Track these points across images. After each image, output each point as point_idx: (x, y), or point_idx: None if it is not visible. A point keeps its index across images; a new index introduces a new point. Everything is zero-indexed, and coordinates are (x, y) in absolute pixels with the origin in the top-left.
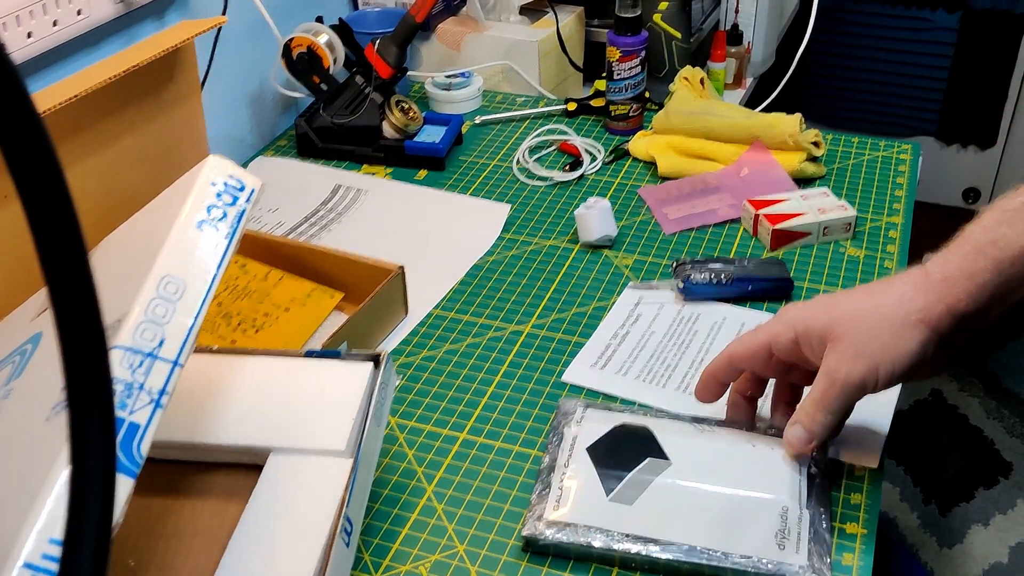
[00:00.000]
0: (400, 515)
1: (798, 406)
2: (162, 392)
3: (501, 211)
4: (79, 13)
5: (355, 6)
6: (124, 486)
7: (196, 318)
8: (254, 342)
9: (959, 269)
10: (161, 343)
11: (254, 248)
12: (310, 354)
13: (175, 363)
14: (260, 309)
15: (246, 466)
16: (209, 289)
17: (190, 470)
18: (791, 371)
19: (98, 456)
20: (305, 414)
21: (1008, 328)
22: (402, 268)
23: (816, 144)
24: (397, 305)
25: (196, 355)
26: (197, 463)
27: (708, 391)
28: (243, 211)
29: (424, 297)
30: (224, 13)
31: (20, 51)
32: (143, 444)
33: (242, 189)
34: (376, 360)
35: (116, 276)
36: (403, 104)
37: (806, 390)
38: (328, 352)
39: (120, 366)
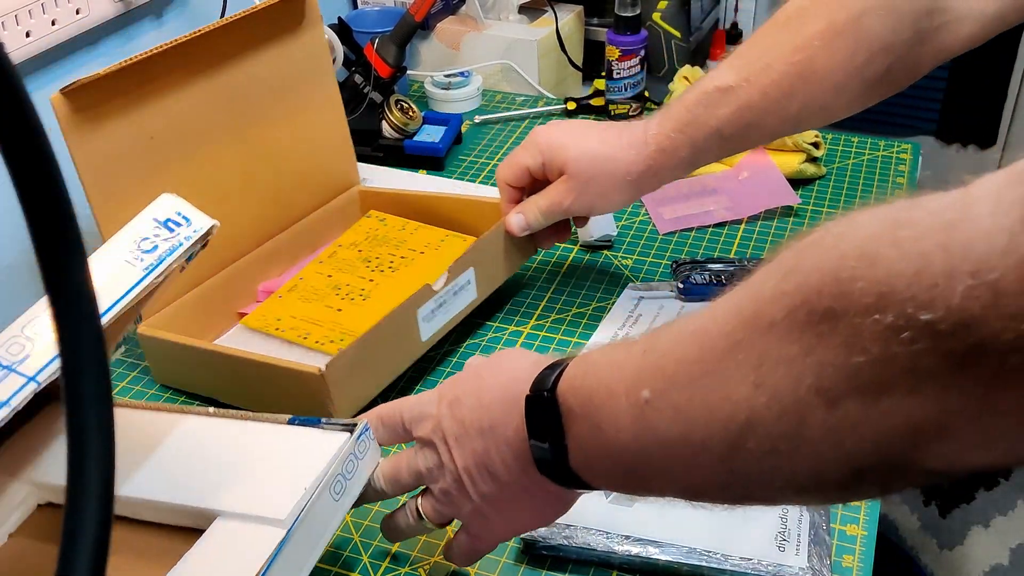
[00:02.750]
0: None
1: (525, 202)
2: (3, 404)
3: None
4: (78, 12)
5: (354, 5)
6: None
7: None
8: (392, 280)
9: (666, 142)
10: (24, 359)
11: (391, 203)
12: (292, 421)
13: (31, 379)
14: (397, 253)
15: (198, 531)
16: (102, 315)
17: (139, 528)
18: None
19: (98, 448)
20: (265, 480)
21: None
22: None
23: (815, 144)
24: (525, 239)
25: (182, 415)
26: (153, 524)
27: (509, 207)
28: (179, 245)
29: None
30: (224, 12)
31: (18, 50)
32: None
33: (188, 225)
34: (352, 430)
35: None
36: (402, 103)
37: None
38: (309, 420)
39: None
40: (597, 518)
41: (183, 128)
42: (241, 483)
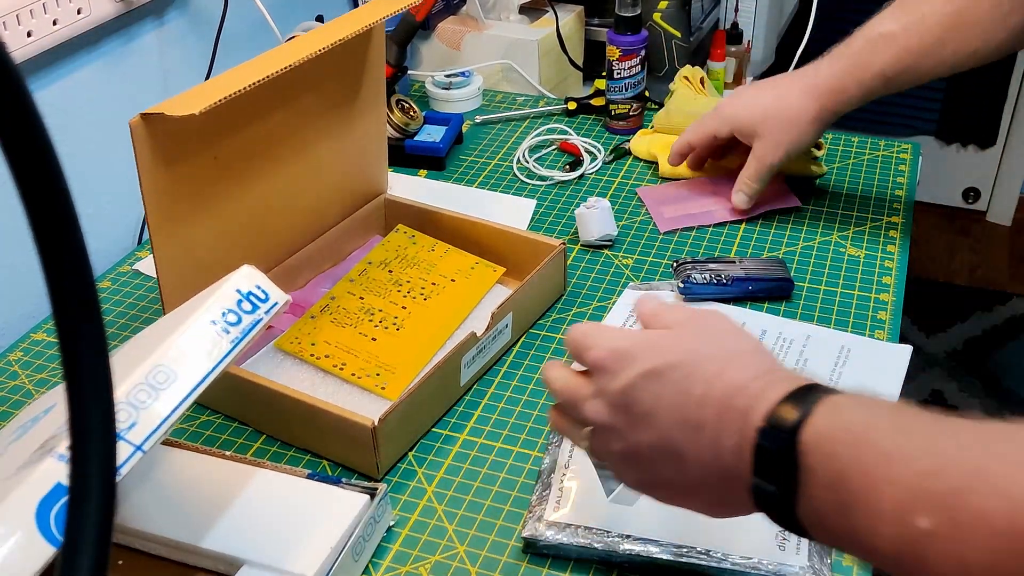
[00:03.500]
0: (400, 516)
1: (738, 180)
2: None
3: (526, 206)
4: (79, 12)
5: (355, 5)
6: (45, 554)
7: (174, 411)
8: (424, 308)
9: (836, 83)
10: (132, 426)
11: (421, 221)
12: (312, 476)
13: (138, 448)
14: (428, 278)
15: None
16: (196, 387)
17: (168, 569)
18: (724, 150)
19: (98, 451)
20: (288, 533)
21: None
22: (564, 244)
23: (816, 144)
24: (557, 281)
25: (208, 458)
26: (180, 564)
27: (676, 160)
28: (259, 320)
29: None
30: (224, 12)
31: (20, 50)
32: None
33: (265, 300)
34: (372, 494)
35: (130, 362)
36: (403, 103)
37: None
38: (329, 477)
39: None
40: (598, 517)
41: (244, 148)
42: (265, 533)
